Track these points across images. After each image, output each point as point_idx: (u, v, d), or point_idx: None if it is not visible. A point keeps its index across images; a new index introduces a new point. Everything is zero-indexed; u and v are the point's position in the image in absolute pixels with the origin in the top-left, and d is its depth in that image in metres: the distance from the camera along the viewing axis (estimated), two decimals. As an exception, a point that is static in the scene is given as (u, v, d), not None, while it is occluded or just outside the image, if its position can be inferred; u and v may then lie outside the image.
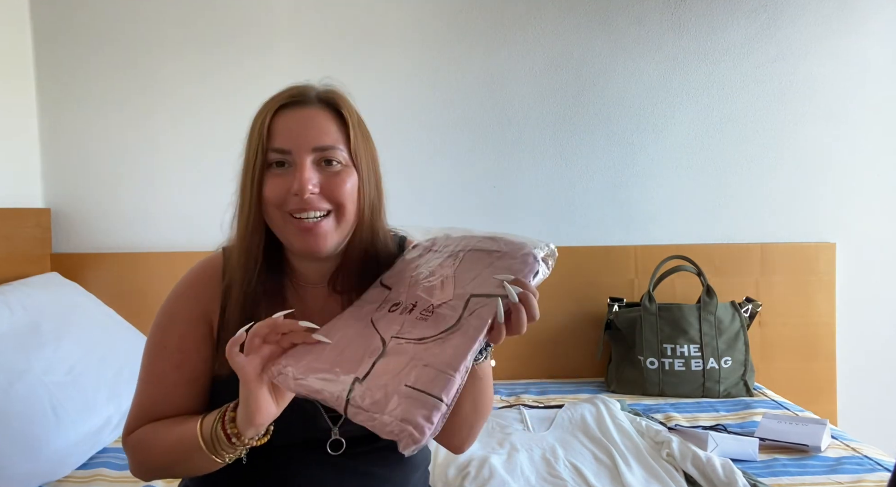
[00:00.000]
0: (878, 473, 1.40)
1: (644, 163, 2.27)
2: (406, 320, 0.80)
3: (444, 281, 0.83)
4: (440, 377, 0.70)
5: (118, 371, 1.68)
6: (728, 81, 2.25)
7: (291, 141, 0.88)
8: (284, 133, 0.88)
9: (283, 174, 0.88)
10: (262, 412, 0.76)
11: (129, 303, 2.07)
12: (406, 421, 0.67)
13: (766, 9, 2.23)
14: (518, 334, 0.76)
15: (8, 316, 1.59)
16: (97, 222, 2.21)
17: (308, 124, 0.89)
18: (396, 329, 0.79)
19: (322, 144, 0.88)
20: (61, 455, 1.42)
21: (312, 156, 0.88)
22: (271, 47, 2.19)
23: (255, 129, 0.90)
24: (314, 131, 0.89)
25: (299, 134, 0.88)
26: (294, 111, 0.90)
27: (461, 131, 2.25)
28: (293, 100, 0.91)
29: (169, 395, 0.93)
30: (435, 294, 0.81)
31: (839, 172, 2.28)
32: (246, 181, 0.90)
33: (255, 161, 0.88)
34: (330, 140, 0.89)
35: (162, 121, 2.20)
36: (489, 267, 0.81)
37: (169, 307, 0.97)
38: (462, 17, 2.22)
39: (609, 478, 1.38)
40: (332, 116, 0.91)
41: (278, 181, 0.88)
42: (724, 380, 1.98)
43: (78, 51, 2.18)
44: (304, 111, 0.90)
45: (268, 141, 0.88)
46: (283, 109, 0.90)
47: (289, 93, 0.92)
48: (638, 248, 2.26)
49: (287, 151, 0.88)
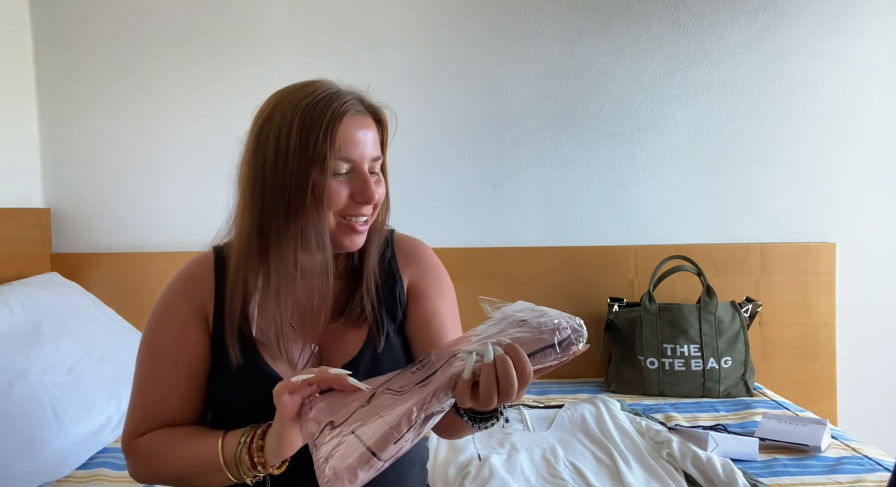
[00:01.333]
0: (879, 473, 1.40)
1: (644, 163, 2.27)
2: (407, 372, 0.79)
3: (464, 339, 0.80)
4: (385, 432, 0.69)
5: (118, 371, 1.68)
6: (728, 81, 2.25)
7: (358, 151, 0.91)
8: (352, 143, 0.91)
9: (344, 181, 0.92)
10: (292, 447, 0.80)
11: (129, 303, 2.07)
12: (333, 468, 0.68)
13: (766, 9, 2.23)
14: (486, 405, 0.72)
15: (8, 316, 1.59)
16: (97, 222, 2.21)
17: (368, 135, 0.94)
18: (395, 381, 0.78)
19: (376, 155, 0.95)
20: (61, 455, 1.42)
21: (368, 165, 0.93)
22: (271, 47, 2.19)
23: (315, 136, 0.88)
24: (372, 143, 0.94)
25: (364, 145, 0.92)
26: (354, 120, 0.92)
27: (461, 131, 2.25)
28: (353, 110, 0.92)
29: (170, 393, 0.94)
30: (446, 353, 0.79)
31: (839, 172, 2.28)
32: (302, 182, 0.88)
33: (325, 167, 0.88)
34: (378, 151, 0.96)
35: (162, 121, 2.20)
36: (502, 332, 0.77)
37: (163, 305, 0.98)
38: (462, 18, 2.22)
39: (609, 478, 1.38)
40: (377, 127, 0.97)
41: (341, 186, 0.92)
42: (724, 380, 1.98)
43: (78, 51, 2.18)
44: (362, 120, 0.94)
45: (338, 149, 0.89)
46: (346, 118, 0.91)
47: (347, 103, 0.92)
48: (638, 248, 2.26)
49: (353, 160, 0.91)
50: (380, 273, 1.03)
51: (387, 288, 1.03)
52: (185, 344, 0.95)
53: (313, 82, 0.95)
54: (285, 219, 0.91)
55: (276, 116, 0.91)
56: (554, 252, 2.23)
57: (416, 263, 1.08)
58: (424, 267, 1.08)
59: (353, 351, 0.99)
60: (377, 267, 1.03)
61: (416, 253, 1.09)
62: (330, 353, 1.00)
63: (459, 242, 2.23)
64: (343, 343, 1.00)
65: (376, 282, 1.02)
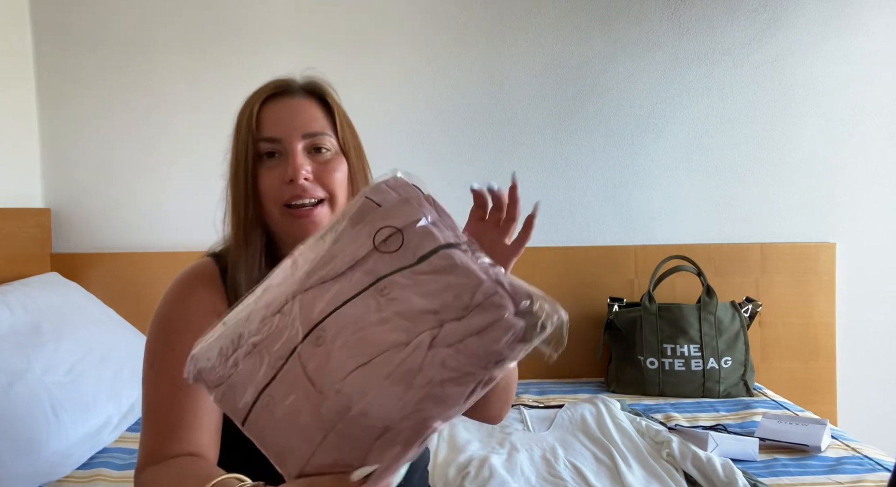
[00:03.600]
0: (879, 473, 1.40)
1: (644, 163, 2.27)
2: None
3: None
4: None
5: (118, 371, 1.68)
6: (728, 82, 2.25)
7: (281, 129, 0.88)
8: (273, 122, 0.89)
9: (276, 165, 0.89)
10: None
11: (129, 303, 2.07)
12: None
13: (767, 9, 2.23)
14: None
15: (8, 316, 1.59)
16: (97, 222, 2.21)
17: (296, 112, 0.90)
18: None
19: (311, 130, 0.89)
20: (61, 456, 1.42)
21: (303, 143, 0.89)
22: (271, 48, 2.19)
23: (241, 123, 0.91)
24: (302, 118, 0.90)
25: (288, 121, 0.89)
26: (281, 101, 0.91)
27: (461, 131, 2.25)
28: (278, 90, 0.92)
29: (190, 404, 0.82)
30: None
31: (839, 172, 2.28)
32: (238, 177, 0.90)
33: (247, 154, 0.88)
34: (318, 126, 0.90)
35: (162, 122, 2.20)
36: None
37: (170, 310, 0.89)
38: (462, 18, 2.22)
39: (609, 478, 1.38)
40: (318, 105, 0.93)
41: (272, 173, 0.88)
42: (724, 380, 1.98)
43: (78, 51, 2.18)
44: (290, 100, 0.91)
45: (257, 131, 0.89)
46: (269, 100, 0.91)
47: (273, 85, 0.93)
48: (638, 248, 2.26)
49: (277, 139, 0.88)
50: None
51: None
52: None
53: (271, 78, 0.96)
54: (235, 217, 0.91)
55: (236, 116, 0.94)
56: (554, 252, 2.23)
57: None
58: None
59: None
60: None
61: None
62: None
63: (459, 242, 2.23)
64: None
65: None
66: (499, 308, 0.54)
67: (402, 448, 0.52)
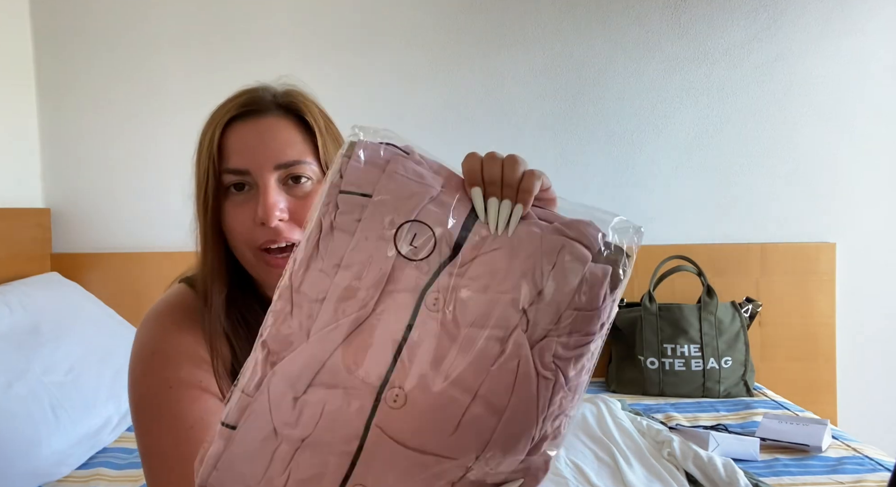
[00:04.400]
0: (879, 473, 1.39)
1: (644, 163, 2.27)
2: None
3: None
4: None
5: (118, 371, 1.67)
6: (728, 82, 2.25)
7: (249, 159, 0.74)
8: (239, 150, 0.74)
9: (245, 200, 0.75)
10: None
11: (129, 303, 2.06)
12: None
13: (766, 9, 2.23)
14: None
15: (8, 316, 1.59)
16: (97, 222, 2.21)
17: (267, 137, 0.74)
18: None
19: (286, 160, 0.74)
20: (61, 456, 1.42)
21: (276, 175, 0.74)
22: (271, 48, 2.19)
23: (203, 147, 0.77)
24: (275, 144, 0.74)
25: (257, 149, 0.74)
26: (248, 122, 0.76)
27: (461, 131, 2.24)
28: (246, 109, 0.77)
29: (195, 436, 0.71)
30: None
31: (839, 172, 2.28)
32: (199, 209, 0.77)
33: (207, 186, 0.75)
34: (295, 153, 0.75)
35: (162, 121, 2.20)
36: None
37: (160, 347, 0.77)
38: (462, 18, 2.22)
39: (610, 477, 1.38)
40: (294, 124, 0.77)
41: (240, 210, 0.75)
42: (725, 380, 1.98)
43: (78, 51, 2.18)
44: (260, 121, 0.76)
45: (219, 161, 0.75)
46: (234, 122, 0.76)
47: (240, 101, 0.77)
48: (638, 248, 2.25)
49: (245, 171, 0.74)
50: None
51: None
52: (199, 379, 0.75)
53: (246, 87, 0.81)
54: (203, 254, 0.79)
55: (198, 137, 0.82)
56: (554, 252, 2.23)
57: None
58: None
59: None
60: None
61: None
62: None
63: (459, 242, 2.23)
64: None
65: None
66: (580, 261, 0.46)
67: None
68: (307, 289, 0.47)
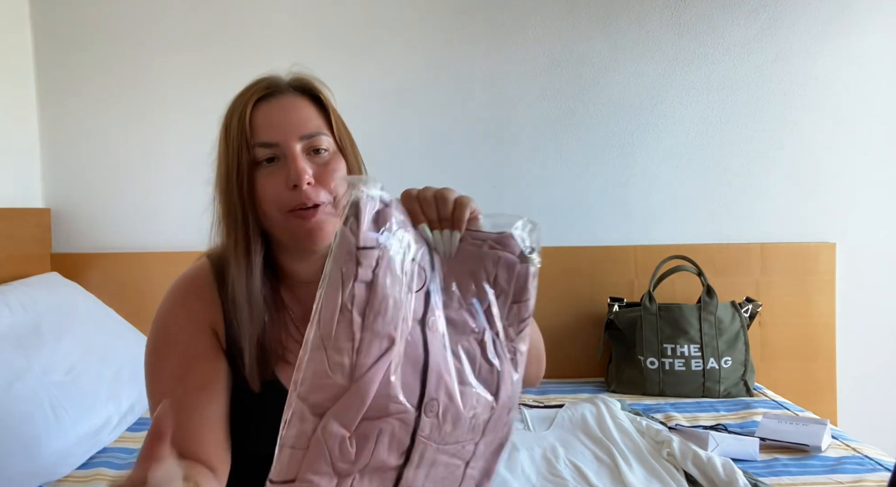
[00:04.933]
0: (879, 473, 1.39)
1: (644, 163, 2.27)
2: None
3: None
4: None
5: (118, 371, 1.68)
6: (728, 81, 2.25)
7: (277, 132, 0.84)
8: (267, 125, 0.84)
9: (275, 170, 0.84)
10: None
11: (129, 303, 2.07)
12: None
13: (766, 9, 2.23)
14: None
15: (8, 316, 1.59)
16: (97, 222, 2.21)
17: (290, 112, 0.86)
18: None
19: (308, 131, 0.85)
20: (61, 455, 1.42)
21: (301, 145, 0.84)
22: (271, 47, 2.19)
23: (231, 127, 0.86)
24: (297, 119, 0.85)
25: (283, 123, 0.84)
26: (272, 101, 0.86)
27: (461, 131, 2.24)
28: (269, 91, 0.87)
29: (181, 415, 0.81)
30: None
31: (839, 172, 2.28)
32: (231, 184, 0.85)
33: (240, 160, 0.84)
34: (314, 126, 0.86)
35: (162, 121, 2.20)
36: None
37: (163, 321, 0.88)
38: (462, 17, 2.22)
39: (610, 477, 1.38)
40: (310, 103, 0.89)
41: (272, 179, 0.84)
42: (725, 380, 1.98)
43: (78, 51, 2.18)
44: (282, 100, 0.87)
45: (251, 136, 0.84)
46: (259, 102, 0.87)
47: (262, 85, 0.88)
48: (638, 248, 2.26)
49: (275, 144, 0.84)
50: None
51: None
52: (191, 357, 0.85)
53: (256, 78, 0.91)
54: (229, 224, 0.87)
55: (222, 121, 0.91)
56: (554, 252, 2.23)
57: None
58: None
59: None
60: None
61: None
62: None
63: (459, 242, 2.23)
64: None
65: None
66: (511, 265, 0.62)
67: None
68: (340, 336, 0.54)
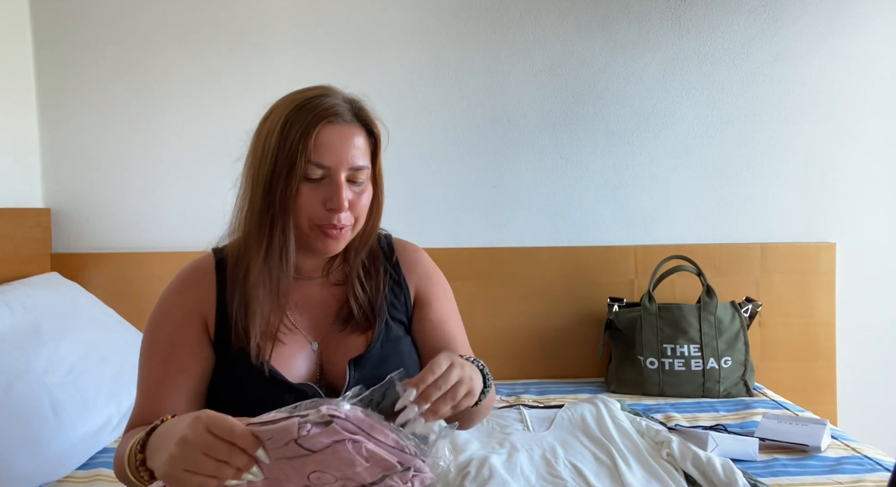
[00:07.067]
0: (879, 473, 1.39)
1: (644, 163, 2.27)
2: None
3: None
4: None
5: (118, 371, 1.68)
6: (728, 82, 2.25)
7: (333, 158, 0.92)
8: (328, 148, 0.91)
9: (318, 187, 0.92)
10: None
11: (129, 303, 2.07)
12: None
13: (766, 9, 2.23)
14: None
15: (8, 316, 1.59)
16: (97, 222, 2.21)
17: (350, 143, 0.93)
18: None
19: (357, 164, 0.94)
20: (61, 455, 1.42)
21: (346, 174, 0.93)
22: (271, 47, 2.19)
23: (292, 139, 0.90)
24: (353, 150, 0.93)
25: (340, 151, 0.92)
26: (336, 127, 0.93)
27: (461, 131, 2.24)
28: (337, 117, 0.94)
29: (159, 390, 0.95)
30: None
31: (839, 172, 2.28)
32: (276, 187, 0.91)
33: (294, 170, 0.90)
34: (363, 160, 0.95)
35: (162, 121, 2.20)
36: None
37: (160, 304, 1.00)
38: (462, 17, 2.22)
39: (609, 478, 1.38)
40: (365, 135, 0.97)
41: (314, 193, 0.92)
42: (724, 380, 1.98)
43: (78, 51, 2.18)
44: (345, 128, 0.94)
45: (312, 154, 0.91)
46: (327, 124, 0.93)
47: (332, 110, 0.93)
48: (638, 248, 2.26)
49: (328, 167, 0.92)
50: (387, 279, 1.05)
51: (393, 294, 1.05)
52: (177, 342, 0.96)
53: (317, 87, 0.98)
54: (262, 219, 0.93)
55: (271, 117, 0.95)
56: (554, 252, 2.23)
57: (418, 270, 1.10)
58: (426, 273, 1.11)
59: (356, 352, 0.99)
60: (384, 273, 1.06)
61: (417, 260, 1.11)
62: (332, 353, 1.00)
63: (459, 242, 2.23)
64: (345, 344, 1.00)
65: (383, 287, 1.04)
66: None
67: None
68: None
